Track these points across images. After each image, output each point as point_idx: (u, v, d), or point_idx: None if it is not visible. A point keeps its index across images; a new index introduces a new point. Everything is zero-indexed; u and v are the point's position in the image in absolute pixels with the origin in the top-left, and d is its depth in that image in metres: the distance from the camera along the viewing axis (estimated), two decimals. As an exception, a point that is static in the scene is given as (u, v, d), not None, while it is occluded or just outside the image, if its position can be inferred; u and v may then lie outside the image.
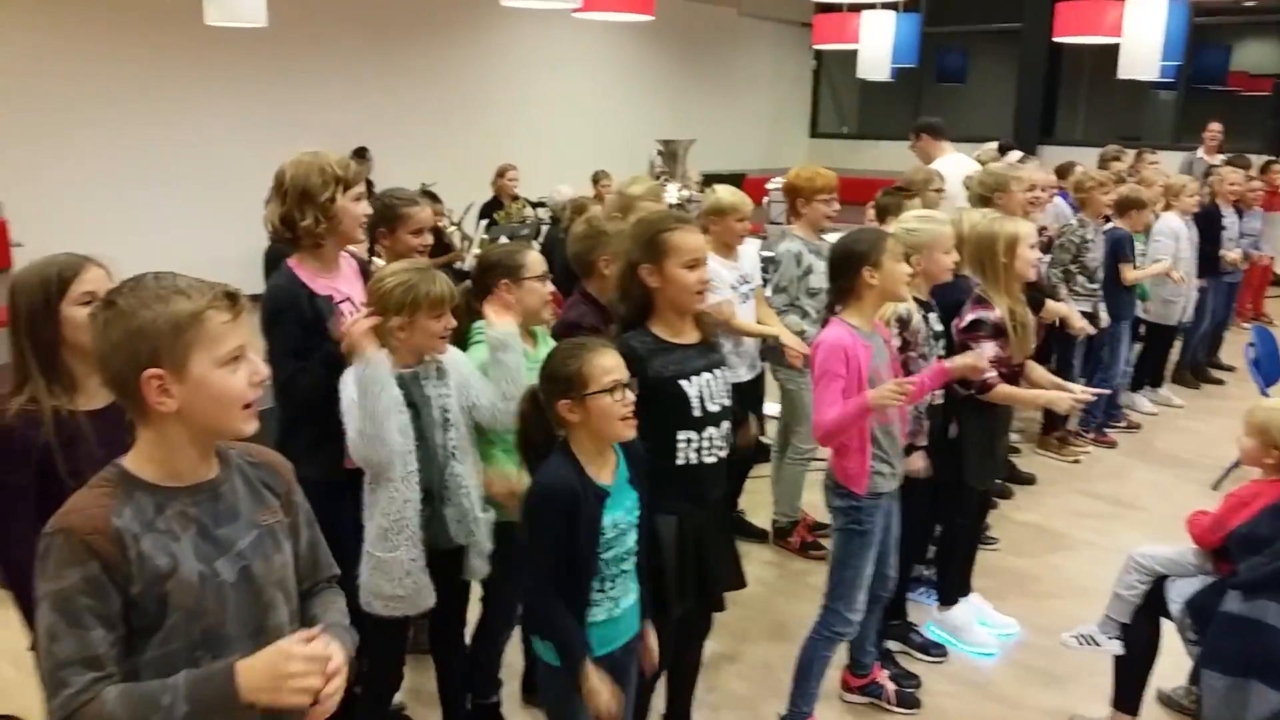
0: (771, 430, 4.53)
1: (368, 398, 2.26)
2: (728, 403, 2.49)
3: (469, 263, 6.70)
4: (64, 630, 1.32)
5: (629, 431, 2.10)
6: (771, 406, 4.48)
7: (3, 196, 7.27)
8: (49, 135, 7.75)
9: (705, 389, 2.42)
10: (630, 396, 2.09)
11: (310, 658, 1.35)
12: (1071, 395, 3.27)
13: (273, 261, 2.83)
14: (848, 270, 2.74)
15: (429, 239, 2.99)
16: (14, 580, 1.95)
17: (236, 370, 1.41)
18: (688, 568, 2.44)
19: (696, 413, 2.41)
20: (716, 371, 2.48)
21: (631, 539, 2.19)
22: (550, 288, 2.74)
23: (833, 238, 3.80)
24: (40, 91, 7.67)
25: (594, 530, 2.09)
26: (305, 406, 2.49)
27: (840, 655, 3.08)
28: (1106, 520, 4.67)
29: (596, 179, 8.59)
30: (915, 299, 3.10)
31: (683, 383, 2.39)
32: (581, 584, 2.12)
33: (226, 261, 9.61)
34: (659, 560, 2.38)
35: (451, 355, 2.52)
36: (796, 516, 4.31)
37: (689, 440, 2.41)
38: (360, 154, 9.29)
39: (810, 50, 14.27)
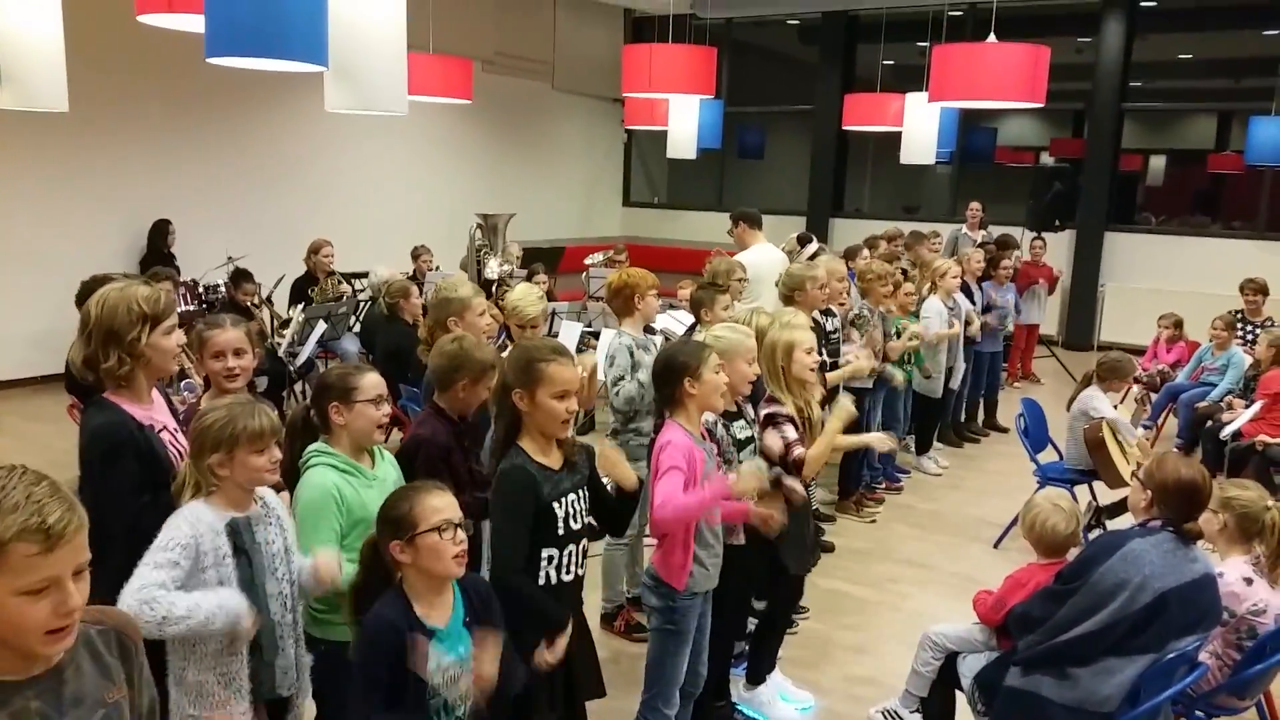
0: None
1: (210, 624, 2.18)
2: (588, 520, 2.66)
3: (284, 346, 6.55)
4: None
5: (458, 569, 2.19)
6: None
7: None
8: None
9: (571, 508, 2.58)
10: (461, 535, 2.18)
11: None
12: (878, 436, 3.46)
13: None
14: (670, 380, 2.94)
15: (233, 361, 2.91)
16: None
17: (40, 600, 1.36)
18: (556, 680, 2.56)
19: (561, 531, 2.56)
20: (581, 491, 2.65)
21: (465, 684, 2.20)
22: (386, 410, 2.75)
23: (662, 321, 3.95)
24: None
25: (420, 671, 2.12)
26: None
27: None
28: (902, 583, 5.04)
29: (416, 254, 8.62)
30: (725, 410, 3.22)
31: (555, 504, 2.54)
32: None
33: (24, 340, 8.90)
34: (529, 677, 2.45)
35: (275, 500, 2.47)
36: (620, 601, 4.46)
37: (550, 558, 2.56)
38: (162, 227, 8.91)
39: (622, 123, 14.83)
